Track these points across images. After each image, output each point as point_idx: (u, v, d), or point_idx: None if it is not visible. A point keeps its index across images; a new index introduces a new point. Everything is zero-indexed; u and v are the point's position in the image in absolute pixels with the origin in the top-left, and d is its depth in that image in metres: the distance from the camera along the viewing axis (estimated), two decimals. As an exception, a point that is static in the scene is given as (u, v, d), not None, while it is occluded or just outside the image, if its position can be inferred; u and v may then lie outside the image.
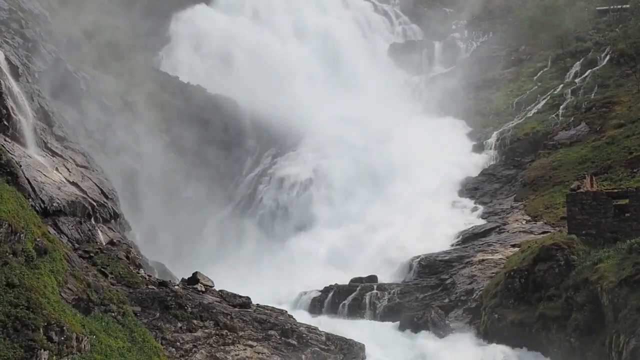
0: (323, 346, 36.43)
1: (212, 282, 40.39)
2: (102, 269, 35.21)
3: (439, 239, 53.22)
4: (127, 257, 39.09)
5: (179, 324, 33.27)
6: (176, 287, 37.75)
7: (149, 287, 36.04)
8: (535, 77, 76.89)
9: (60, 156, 46.12)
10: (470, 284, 45.41)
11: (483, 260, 47.37)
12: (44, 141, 45.57)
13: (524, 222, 52.22)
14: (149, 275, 39.41)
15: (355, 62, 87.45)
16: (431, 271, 48.59)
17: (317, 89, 79.89)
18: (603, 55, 72.52)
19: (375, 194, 62.74)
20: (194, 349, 32.72)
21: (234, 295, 39.02)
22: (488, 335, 40.42)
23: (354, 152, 68.29)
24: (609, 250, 37.39)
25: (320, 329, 38.27)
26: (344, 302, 47.12)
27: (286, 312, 40.18)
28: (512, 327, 39.23)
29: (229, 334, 34.40)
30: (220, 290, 39.54)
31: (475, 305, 43.43)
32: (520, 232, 50.45)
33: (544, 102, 69.80)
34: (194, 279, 39.78)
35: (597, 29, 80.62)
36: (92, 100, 58.96)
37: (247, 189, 68.73)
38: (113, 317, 29.57)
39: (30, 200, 36.10)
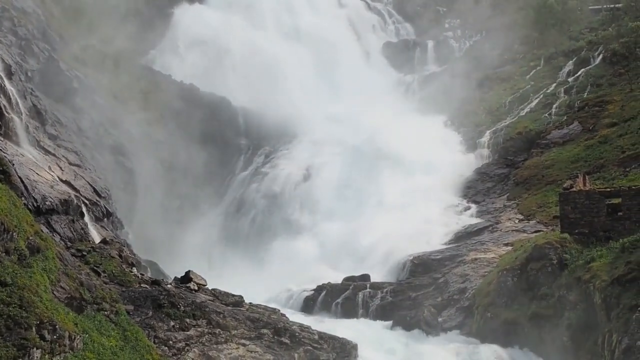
0: (316, 345, 36.37)
1: (204, 280, 40.32)
2: (95, 268, 35.10)
3: (431, 238, 53.22)
4: (120, 256, 38.98)
5: (172, 323, 33.16)
6: (169, 285, 37.68)
7: (142, 285, 35.95)
8: (528, 76, 76.87)
9: (53, 154, 46.07)
10: (463, 283, 45.36)
11: (476, 259, 47.31)
12: (36, 139, 45.51)
13: (516, 221, 52.26)
14: (142, 274, 39.35)
15: (348, 60, 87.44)
16: (424, 270, 48.47)
17: (310, 87, 79.88)
18: (596, 54, 72.60)
19: (368, 193, 62.67)
20: (187, 348, 32.63)
21: (227, 294, 38.97)
22: (480, 334, 40.41)
23: (347, 151, 68.31)
24: (601, 249, 37.47)
25: (312, 327, 38.21)
26: (336, 301, 47.04)
27: (279, 310, 40.09)
28: (505, 326, 39.25)
29: (221, 332, 34.32)
30: (213, 289, 39.51)
31: (468, 304, 43.38)
32: (513, 231, 50.49)
33: (537, 101, 69.81)
34: (187, 278, 39.71)
35: (590, 28, 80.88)
36: (85, 99, 58.80)
37: (240, 188, 68.63)
38: (106, 316, 29.45)
39: (22, 198, 35.95)
